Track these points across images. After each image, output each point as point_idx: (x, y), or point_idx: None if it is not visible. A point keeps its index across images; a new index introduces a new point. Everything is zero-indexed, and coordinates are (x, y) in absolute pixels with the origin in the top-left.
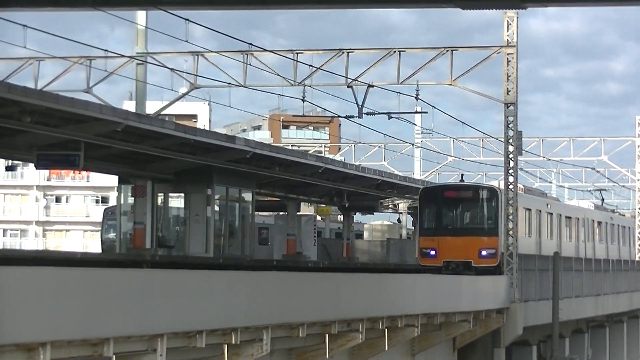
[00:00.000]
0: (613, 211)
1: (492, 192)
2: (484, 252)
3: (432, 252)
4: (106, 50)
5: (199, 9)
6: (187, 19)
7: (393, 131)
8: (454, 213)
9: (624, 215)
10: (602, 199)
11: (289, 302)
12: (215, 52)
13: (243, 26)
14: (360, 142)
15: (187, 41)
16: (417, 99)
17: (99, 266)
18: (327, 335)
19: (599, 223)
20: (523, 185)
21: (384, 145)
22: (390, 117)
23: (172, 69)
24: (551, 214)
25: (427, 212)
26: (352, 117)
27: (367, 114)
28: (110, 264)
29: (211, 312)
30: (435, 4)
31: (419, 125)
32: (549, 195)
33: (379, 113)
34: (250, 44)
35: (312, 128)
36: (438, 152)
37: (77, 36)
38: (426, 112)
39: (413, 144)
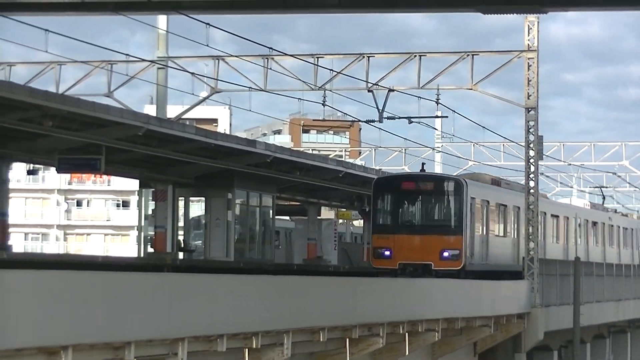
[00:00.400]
0: (615, 211)
1: (457, 184)
2: (446, 254)
3: (387, 253)
4: (127, 55)
5: (219, 13)
6: (208, 23)
7: (413, 135)
8: (412, 208)
9: (626, 216)
10: (603, 197)
11: (309, 306)
12: (236, 56)
13: (263, 30)
14: (380, 147)
15: (207, 45)
16: (437, 103)
17: (120, 270)
18: (347, 339)
19: (594, 224)
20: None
21: (405, 149)
22: (410, 122)
23: (192, 73)
24: (543, 212)
25: (381, 206)
26: (373, 121)
27: (388, 118)
28: (131, 268)
29: (232, 316)
30: (456, 9)
31: (440, 129)
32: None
33: (400, 117)
34: (271, 48)
35: (332, 132)
36: (458, 157)
37: (98, 41)
38: (447, 117)
39: (433, 149)
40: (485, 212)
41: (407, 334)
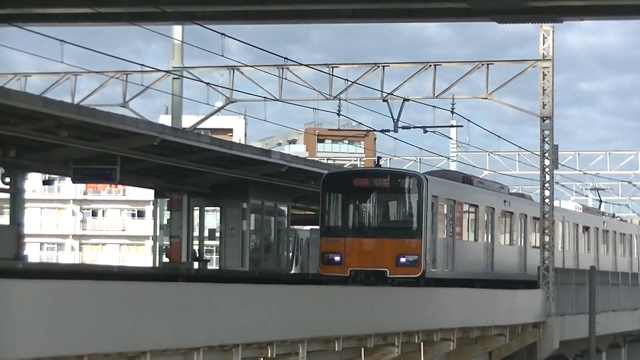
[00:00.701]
0: (613, 216)
1: (416, 180)
2: (402, 259)
3: (337, 258)
4: (142, 65)
5: (234, 23)
6: (223, 34)
7: (428, 145)
8: (365, 207)
9: (625, 221)
10: (600, 201)
11: (324, 315)
12: (251, 66)
13: (278, 40)
14: (395, 156)
15: (222, 55)
16: (452, 112)
17: (135, 280)
18: (362, 349)
19: (586, 229)
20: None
21: (420, 159)
22: (425, 131)
23: (207, 83)
24: (511, 213)
25: (330, 206)
26: (388, 130)
27: (403, 127)
28: (146, 278)
29: (247, 325)
30: (472, 19)
31: (455, 138)
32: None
33: (415, 127)
34: (286, 58)
35: (347, 142)
36: (474, 166)
37: (113, 51)
38: (462, 126)
39: (448, 158)
40: (451, 212)
41: (422, 343)
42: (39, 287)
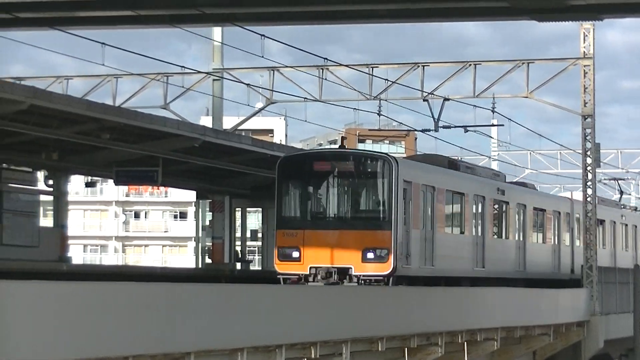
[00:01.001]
0: (636, 209)
1: (385, 163)
2: (370, 254)
3: (295, 254)
4: (183, 67)
5: (273, 24)
6: (263, 35)
7: (469, 144)
8: (326, 195)
9: None
10: (621, 192)
11: (368, 315)
12: (291, 67)
13: (318, 41)
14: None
15: (262, 56)
16: (493, 111)
17: (178, 281)
18: (406, 349)
19: (600, 222)
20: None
21: (460, 158)
22: (466, 131)
23: (248, 85)
24: (506, 202)
25: (287, 193)
26: (428, 130)
27: (443, 127)
28: (189, 279)
29: (291, 326)
30: (512, 17)
31: (496, 138)
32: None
33: (455, 126)
34: (326, 58)
35: (388, 142)
36: (515, 165)
37: (154, 53)
38: (502, 125)
39: (490, 157)
40: (430, 201)
41: (465, 343)
42: (85, 289)
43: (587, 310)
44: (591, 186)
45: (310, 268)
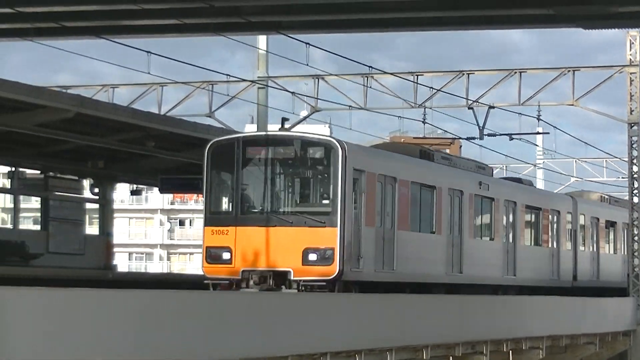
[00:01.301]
0: None
1: (330, 149)
2: (312, 256)
3: (225, 255)
4: (228, 75)
5: (318, 32)
6: (308, 43)
7: (514, 152)
8: (263, 186)
9: None
10: None
11: (412, 324)
12: (336, 75)
13: (362, 49)
14: None
15: (307, 64)
16: (538, 119)
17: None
18: (450, 357)
19: (611, 224)
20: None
21: (505, 166)
22: (511, 138)
23: (293, 93)
24: (491, 199)
25: (217, 184)
26: (473, 138)
27: (488, 135)
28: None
29: (335, 334)
30: (557, 24)
31: (541, 145)
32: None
33: (500, 134)
34: (371, 66)
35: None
36: (560, 173)
37: (198, 61)
38: (548, 133)
39: (535, 165)
40: (389, 194)
41: (510, 351)
42: (129, 296)
43: (633, 320)
44: (637, 194)
45: (243, 272)
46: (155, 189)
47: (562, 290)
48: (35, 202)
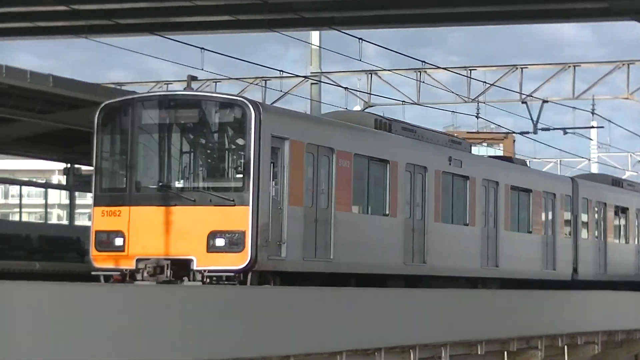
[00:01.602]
0: None
1: (239, 111)
2: (219, 240)
3: (117, 241)
4: (281, 71)
5: (371, 27)
6: (361, 38)
7: (568, 146)
8: (162, 157)
9: None
10: None
11: (467, 319)
12: (389, 70)
13: (414, 44)
14: (535, 158)
15: (360, 60)
16: (592, 113)
17: None
18: (505, 352)
19: (622, 210)
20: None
21: (560, 160)
22: (565, 133)
23: (346, 88)
24: (465, 177)
25: (107, 154)
26: (527, 132)
27: (542, 129)
28: None
29: (389, 329)
30: (611, 17)
31: (595, 140)
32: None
33: (554, 128)
34: (424, 61)
35: (486, 144)
36: (615, 167)
37: (252, 57)
38: (602, 127)
39: (589, 159)
40: (324, 168)
41: (566, 346)
42: (201, 292)
43: None
44: None
45: (138, 260)
46: None
47: (559, 285)
48: (90, 199)
